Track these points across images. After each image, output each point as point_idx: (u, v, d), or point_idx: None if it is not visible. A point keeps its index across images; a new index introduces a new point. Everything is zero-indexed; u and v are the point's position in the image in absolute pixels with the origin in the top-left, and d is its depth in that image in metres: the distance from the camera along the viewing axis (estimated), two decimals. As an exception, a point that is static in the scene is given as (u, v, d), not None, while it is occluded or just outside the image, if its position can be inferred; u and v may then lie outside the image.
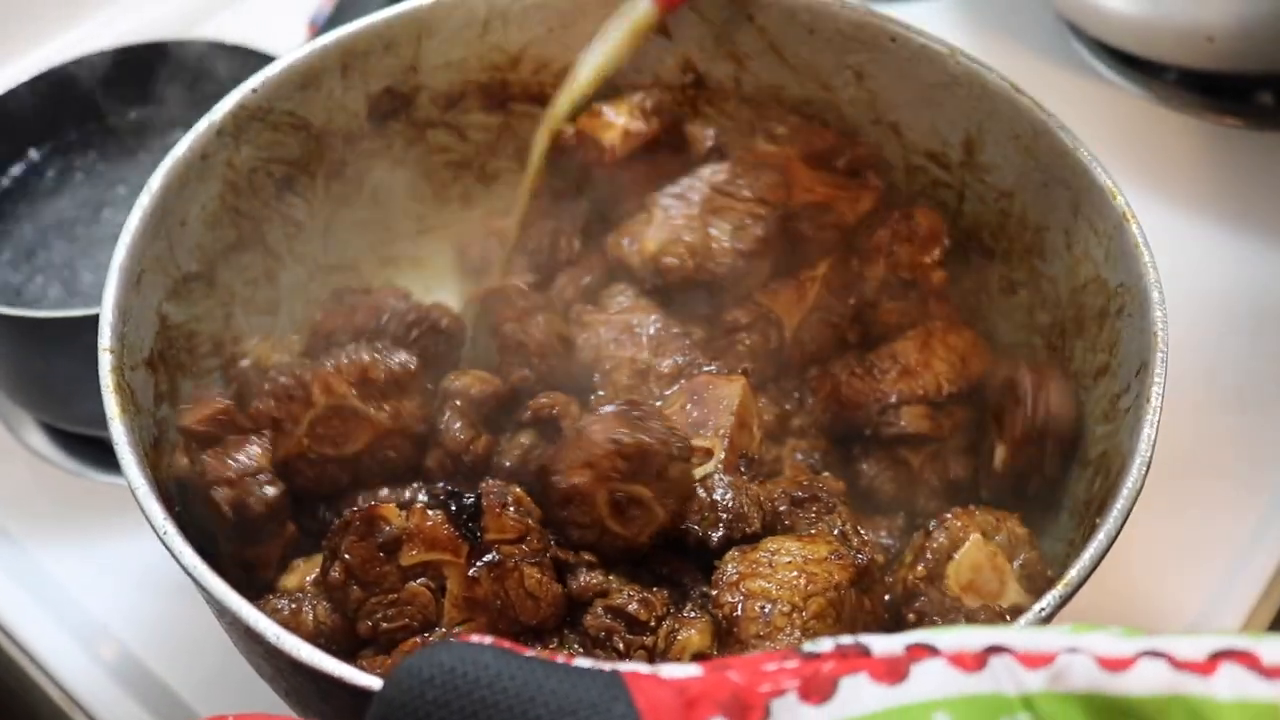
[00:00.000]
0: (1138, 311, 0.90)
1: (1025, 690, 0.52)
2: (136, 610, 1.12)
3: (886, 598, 0.90)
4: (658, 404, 0.97)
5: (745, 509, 0.88)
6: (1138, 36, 1.48)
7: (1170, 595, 1.10)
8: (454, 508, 0.83)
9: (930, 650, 0.54)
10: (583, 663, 0.55)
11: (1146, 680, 0.50)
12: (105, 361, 0.85)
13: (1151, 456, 0.82)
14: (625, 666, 0.55)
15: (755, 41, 1.13)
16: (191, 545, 0.77)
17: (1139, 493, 0.80)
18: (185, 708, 1.06)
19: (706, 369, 1.01)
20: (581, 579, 0.86)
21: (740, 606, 0.80)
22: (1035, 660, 0.52)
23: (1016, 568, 0.89)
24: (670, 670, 0.55)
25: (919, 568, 0.89)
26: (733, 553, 0.85)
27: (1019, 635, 0.54)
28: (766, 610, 0.80)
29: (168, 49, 1.31)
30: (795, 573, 0.81)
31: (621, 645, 0.84)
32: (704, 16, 1.13)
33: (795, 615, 0.79)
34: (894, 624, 0.89)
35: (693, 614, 0.84)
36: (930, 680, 0.53)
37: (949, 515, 0.92)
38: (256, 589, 0.89)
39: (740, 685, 0.53)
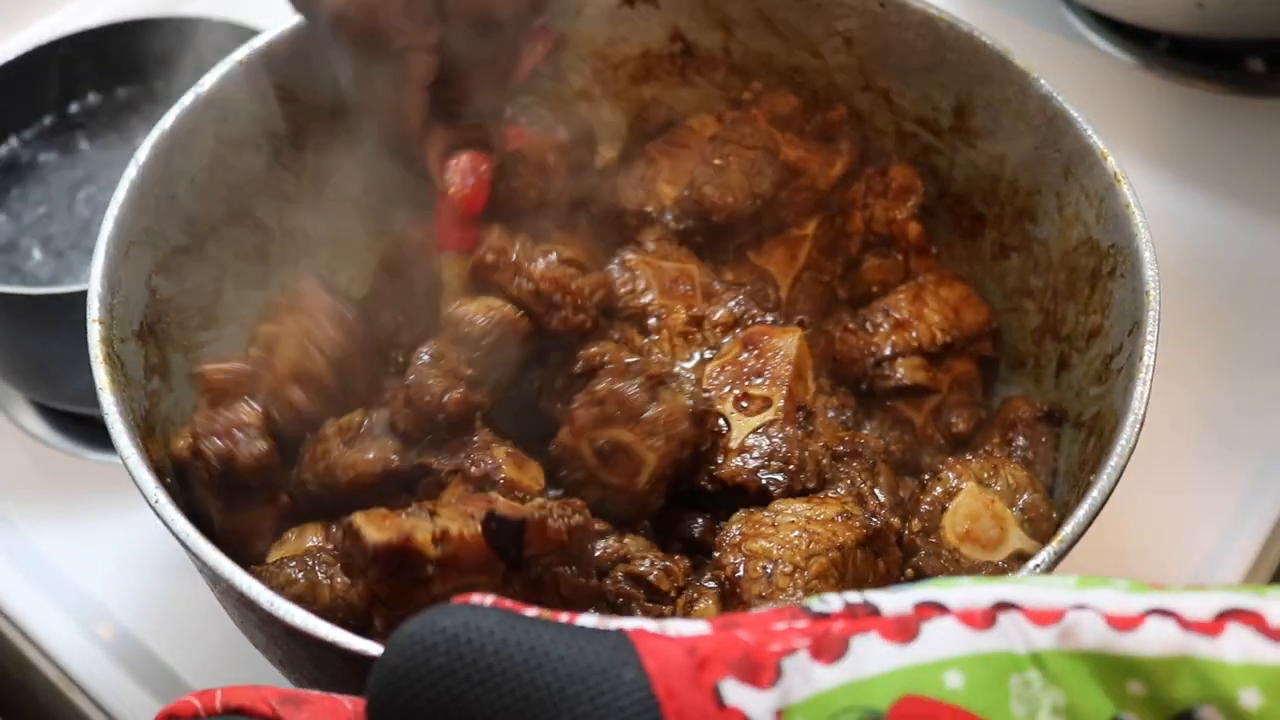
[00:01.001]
0: (1130, 271, 0.90)
1: (1034, 648, 0.51)
2: (132, 588, 1.12)
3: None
4: (708, 355, 0.97)
5: (805, 463, 0.87)
6: (1129, 4, 1.47)
7: (1168, 554, 1.10)
8: (494, 528, 0.78)
9: (940, 608, 0.53)
10: (587, 621, 0.54)
11: (1155, 640, 0.50)
12: (94, 333, 0.85)
13: (1145, 414, 0.82)
14: (631, 624, 0.54)
15: (744, 9, 1.13)
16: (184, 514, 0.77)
17: (1133, 449, 0.80)
18: (184, 685, 1.06)
19: (760, 320, 1.00)
20: (600, 549, 0.85)
21: (742, 567, 0.80)
22: (1044, 617, 0.52)
23: (1017, 513, 0.89)
24: (677, 627, 0.54)
25: (914, 521, 0.89)
26: (739, 514, 0.85)
27: (1027, 590, 0.53)
28: (768, 570, 0.79)
29: (155, 25, 1.30)
30: (797, 533, 0.81)
31: (639, 613, 0.83)
32: (692, -17, 1.13)
33: (797, 575, 0.79)
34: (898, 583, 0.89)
35: (710, 583, 0.84)
36: (941, 639, 0.52)
37: (942, 466, 0.92)
38: (250, 561, 0.88)
39: (751, 645, 0.53)
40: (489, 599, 0.54)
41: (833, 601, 0.54)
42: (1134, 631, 0.50)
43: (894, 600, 0.54)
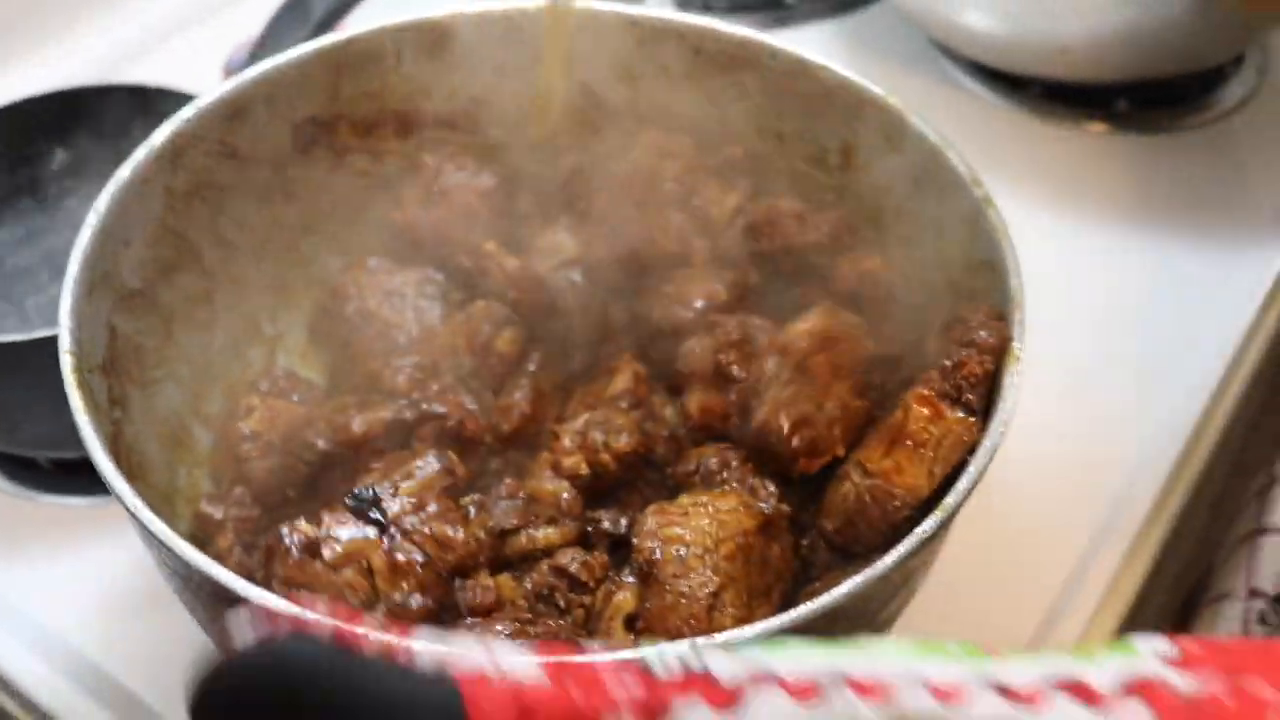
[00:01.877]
0: (998, 285, 1.00)
1: None
2: (93, 622, 1.16)
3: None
4: None
5: None
6: (1000, 53, 1.60)
7: (1044, 549, 1.19)
8: (354, 504, 0.92)
9: (770, 678, 0.55)
10: (426, 659, 0.56)
11: (981, 714, 0.53)
12: (67, 363, 0.92)
13: (1011, 415, 0.91)
14: (468, 665, 0.56)
15: (646, 64, 1.22)
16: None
17: (1004, 431, 0.89)
18: (150, 709, 1.10)
19: None
20: (522, 539, 0.95)
21: (658, 551, 0.90)
22: (872, 690, 0.54)
23: None
24: (511, 664, 0.56)
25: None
26: (653, 507, 0.95)
27: (858, 660, 0.56)
28: (682, 553, 0.89)
29: (88, 95, 1.37)
30: (707, 520, 0.91)
31: (563, 603, 0.93)
32: (600, 43, 1.22)
33: (708, 556, 0.89)
34: (802, 571, 0.98)
35: (629, 577, 0.93)
36: (766, 712, 0.54)
37: None
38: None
39: (579, 704, 0.55)
40: (329, 625, 0.56)
41: (669, 658, 0.57)
42: (961, 705, 0.54)
43: (730, 665, 0.56)
